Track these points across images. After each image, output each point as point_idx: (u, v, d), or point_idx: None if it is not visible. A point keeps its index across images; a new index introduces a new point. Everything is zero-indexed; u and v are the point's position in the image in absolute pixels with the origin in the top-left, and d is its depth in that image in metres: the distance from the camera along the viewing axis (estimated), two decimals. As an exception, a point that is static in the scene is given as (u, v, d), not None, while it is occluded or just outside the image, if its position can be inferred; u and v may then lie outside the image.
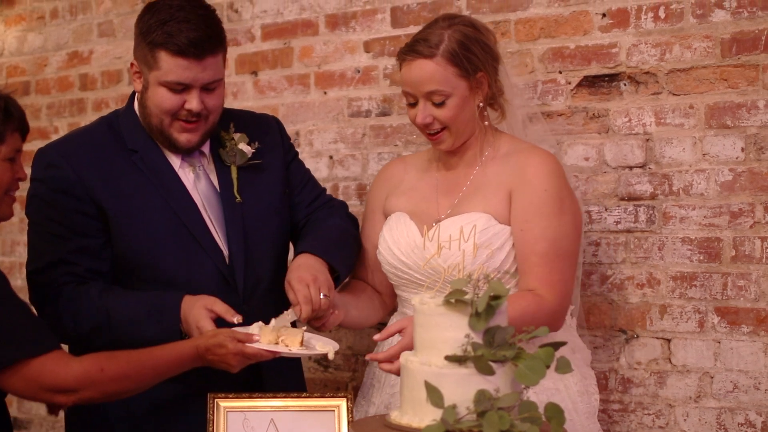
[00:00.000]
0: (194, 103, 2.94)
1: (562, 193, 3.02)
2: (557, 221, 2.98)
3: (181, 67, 2.90)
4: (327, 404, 2.68)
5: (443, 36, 3.01)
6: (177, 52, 2.88)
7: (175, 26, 2.88)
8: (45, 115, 5.08)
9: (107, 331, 2.89)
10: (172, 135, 2.99)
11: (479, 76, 3.03)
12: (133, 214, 2.97)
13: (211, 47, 2.93)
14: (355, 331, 4.11)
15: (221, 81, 3.02)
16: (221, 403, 2.64)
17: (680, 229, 3.39)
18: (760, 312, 3.27)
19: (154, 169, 3.02)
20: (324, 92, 4.20)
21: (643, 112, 3.46)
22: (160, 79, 2.92)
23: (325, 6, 4.18)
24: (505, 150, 3.11)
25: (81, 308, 2.90)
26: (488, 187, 3.05)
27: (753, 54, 3.28)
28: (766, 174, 3.25)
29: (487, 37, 3.09)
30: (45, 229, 2.99)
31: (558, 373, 2.37)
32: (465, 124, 3.07)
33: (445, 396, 2.28)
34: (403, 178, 3.28)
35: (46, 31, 5.09)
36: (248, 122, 3.24)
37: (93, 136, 3.09)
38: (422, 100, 3.04)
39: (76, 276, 2.94)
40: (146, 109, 3.00)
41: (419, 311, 2.41)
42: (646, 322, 3.46)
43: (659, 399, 3.45)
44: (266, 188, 3.16)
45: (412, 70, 3.03)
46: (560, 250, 2.98)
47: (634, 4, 3.48)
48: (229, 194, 3.08)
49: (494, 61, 3.08)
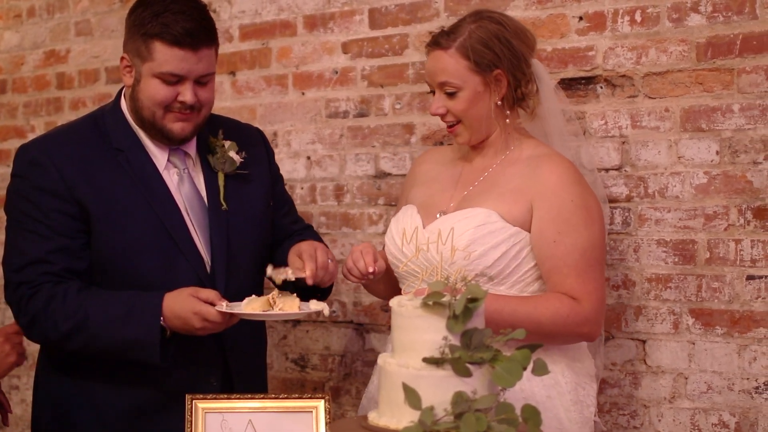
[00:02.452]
0: (188, 95, 2.93)
1: (588, 202, 3.01)
2: (587, 231, 2.97)
3: (176, 57, 2.89)
4: (305, 405, 2.68)
5: (465, 30, 3.04)
6: (173, 42, 2.88)
7: (171, 17, 2.88)
8: (22, 114, 5.06)
9: (85, 330, 2.87)
10: (166, 126, 2.97)
11: (496, 73, 3.03)
12: (115, 215, 2.95)
13: (206, 38, 2.94)
14: (331, 331, 4.12)
15: (213, 75, 3.02)
16: (199, 404, 2.64)
17: (655, 231, 3.42)
18: (734, 314, 3.30)
19: (139, 169, 3.00)
20: (302, 93, 4.20)
21: (619, 115, 3.49)
22: (155, 71, 2.91)
23: (304, 7, 4.19)
24: (528, 153, 3.09)
25: (59, 308, 2.87)
26: (504, 187, 3.03)
27: (728, 58, 3.31)
28: (741, 177, 3.29)
29: (518, 36, 3.07)
30: (25, 227, 2.96)
31: (534, 375, 2.38)
32: (479, 120, 3.07)
33: (422, 398, 2.29)
34: (429, 169, 3.29)
35: (23, 29, 5.08)
36: (235, 131, 3.23)
37: (78, 133, 3.06)
38: (437, 91, 3.08)
39: (54, 275, 2.91)
40: (138, 102, 2.98)
41: (397, 313, 2.42)
42: (622, 323, 3.48)
43: (634, 399, 3.47)
44: (251, 198, 3.15)
45: (431, 60, 3.09)
46: (592, 259, 2.97)
47: (610, 8, 3.50)
48: (215, 201, 3.07)
49: (518, 61, 3.04)
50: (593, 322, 2.97)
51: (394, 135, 3.95)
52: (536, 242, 2.97)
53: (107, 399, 2.99)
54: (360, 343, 4.06)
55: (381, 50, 4.00)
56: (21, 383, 5.02)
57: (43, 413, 3.12)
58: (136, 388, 2.98)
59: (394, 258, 3.15)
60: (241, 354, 3.11)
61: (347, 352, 4.10)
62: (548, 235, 2.95)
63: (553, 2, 3.61)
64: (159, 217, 2.97)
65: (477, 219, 2.97)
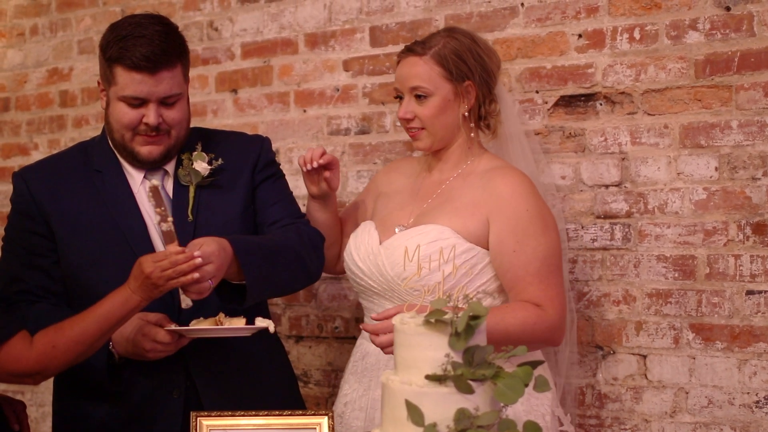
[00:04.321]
0: (151, 117, 2.96)
1: (543, 211, 3.06)
2: (545, 239, 3.02)
3: (135, 81, 2.93)
4: (308, 422, 2.69)
5: (440, 41, 3.13)
6: (131, 66, 2.92)
7: (131, 41, 2.92)
8: (25, 132, 5.08)
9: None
10: (134, 148, 3.02)
11: (467, 84, 3.10)
12: (76, 233, 3.02)
13: (165, 61, 2.95)
14: (333, 347, 4.13)
15: (181, 95, 3.03)
16: (204, 421, 2.65)
17: (655, 247, 3.44)
18: (733, 328, 3.32)
19: (112, 188, 3.07)
20: (303, 110, 4.23)
21: (618, 132, 3.51)
22: (118, 94, 2.96)
23: (305, 25, 4.22)
24: (483, 167, 3.15)
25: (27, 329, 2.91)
26: (459, 201, 3.09)
27: (726, 75, 3.34)
28: (740, 193, 3.31)
29: (487, 54, 3.16)
30: (6, 249, 3.10)
31: (536, 391, 2.40)
32: (445, 129, 3.13)
33: (425, 414, 2.29)
34: (393, 180, 3.36)
35: (26, 47, 5.10)
36: (224, 141, 3.23)
37: (63, 160, 3.19)
38: (407, 96, 3.14)
39: (28, 293, 3.01)
40: (109, 125, 3.05)
41: (399, 330, 2.43)
42: (622, 338, 3.50)
43: (635, 414, 3.49)
44: (223, 208, 3.13)
45: (403, 65, 3.16)
46: (552, 266, 3.03)
47: (609, 26, 3.53)
48: (182, 215, 3.06)
49: (488, 77, 3.14)
50: (558, 328, 3.03)
51: (395, 152, 3.98)
52: (496, 254, 3.02)
53: (86, 410, 3.08)
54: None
55: (382, 68, 4.03)
56: (26, 399, 5.03)
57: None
58: (103, 402, 3.04)
59: (351, 273, 3.21)
60: (205, 368, 3.09)
61: (350, 368, 4.11)
62: (508, 245, 3.00)
63: (553, 20, 3.63)
64: (123, 233, 3.02)
65: (429, 236, 3.02)
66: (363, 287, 3.18)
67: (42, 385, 4.06)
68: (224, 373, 3.12)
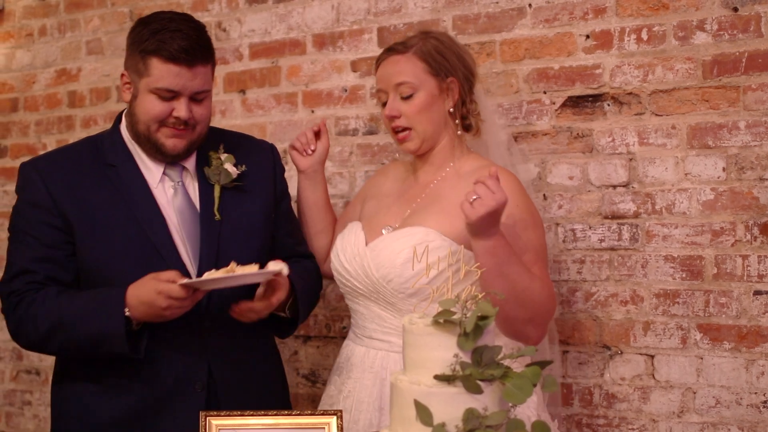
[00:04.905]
0: (182, 111, 2.99)
1: (531, 207, 3.06)
2: (534, 234, 3.02)
3: (171, 73, 2.96)
4: (317, 422, 2.70)
5: (418, 41, 3.16)
6: (168, 58, 2.95)
7: (168, 35, 2.96)
8: (33, 132, 5.09)
9: (61, 330, 2.94)
10: (159, 140, 3.04)
11: (450, 80, 3.12)
12: (96, 227, 3.02)
13: (201, 56, 3.00)
14: (342, 347, 4.14)
15: (209, 93, 3.08)
16: (213, 420, 2.66)
17: (663, 248, 3.45)
18: (741, 329, 3.33)
19: (128, 183, 3.07)
20: (311, 111, 4.24)
21: (626, 132, 3.52)
22: (151, 86, 2.98)
23: (313, 26, 4.23)
24: (469, 168, 3.14)
25: (38, 312, 2.96)
26: (445, 202, 3.06)
27: (734, 75, 3.34)
28: (747, 193, 3.31)
29: (465, 52, 3.21)
30: (16, 240, 3.08)
31: (544, 391, 2.41)
32: (432, 125, 3.13)
33: (434, 414, 2.30)
34: (383, 182, 3.37)
35: (35, 48, 5.11)
36: (240, 144, 3.27)
37: (73, 151, 3.17)
38: (392, 94, 3.14)
39: (37, 284, 3.01)
40: (134, 117, 3.05)
41: (408, 330, 2.44)
42: (630, 338, 3.51)
43: (643, 414, 3.49)
44: (248, 210, 3.17)
45: (386, 66, 3.17)
46: (543, 260, 3.02)
47: (617, 26, 3.53)
48: (208, 212, 3.10)
49: (469, 74, 3.16)
50: (550, 309, 3.00)
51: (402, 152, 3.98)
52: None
53: (97, 406, 3.05)
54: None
55: (390, 68, 4.03)
56: (33, 398, 5.05)
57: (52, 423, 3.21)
58: (122, 395, 3.02)
59: (338, 274, 3.22)
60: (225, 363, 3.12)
61: (357, 368, 4.11)
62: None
63: (560, 21, 3.64)
64: (143, 229, 3.02)
65: (415, 238, 3.00)
66: (349, 288, 3.18)
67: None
68: (241, 369, 3.15)
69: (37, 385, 5.02)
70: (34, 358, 5.05)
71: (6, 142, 5.19)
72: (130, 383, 3.02)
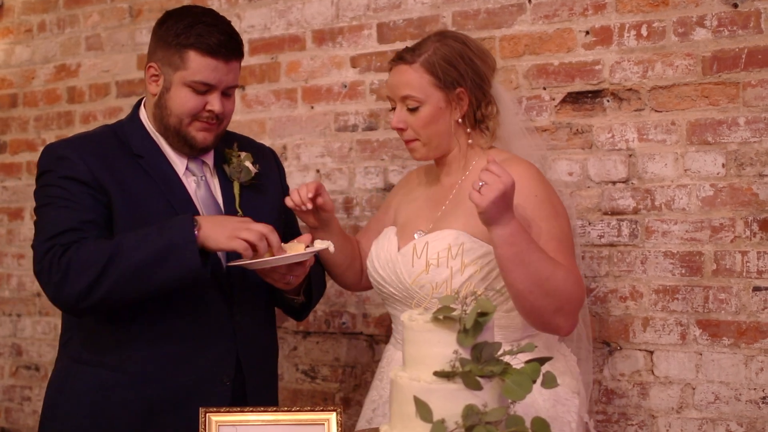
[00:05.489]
0: (216, 105, 3.02)
1: (552, 197, 3.00)
2: (556, 222, 2.95)
3: (209, 67, 2.99)
4: (317, 418, 2.70)
5: (430, 47, 3.07)
6: (208, 51, 2.98)
7: (205, 29, 2.99)
8: (33, 128, 5.09)
9: (119, 258, 2.83)
10: (189, 133, 3.05)
11: (459, 91, 3.05)
12: (135, 209, 2.98)
13: (237, 50, 3.05)
14: (341, 343, 4.15)
15: (236, 88, 3.14)
16: (213, 417, 2.66)
17: (662, 243, 3.45)
18: (740, 325, 3.33)
19: (160, 173, 3.06)
20: (311, 107, 4.24)
21: (625, 128, 3.52)
22: (187, 79, 3.00)
23: (312, 21, 4.23)
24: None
25: (92, 249, 2.86)
26: (468, 203, 2.94)
27: (733, 72, 3.35)
28: (746, 189, 3.32)
29: (480, 57, 3.10)
30: (57, 205, 2.96)
31: (544, 387, 2.41)
32: (438, 137, 3.09)
33: (434, 411, 2.31)
34: (415, 188, 3.33)
35: (34, 44, 5.12)
36: (249, 145, 3.31)
37: (99, 138, 3.11)
38: (399, 105, 3.10)
39: (84, 240, 2.90)
40: (166, 110, 3.05)
41: (408, 327, 2.44)
42: (629, 334, 3.51)
43: (642, 410, 3.50)
44: (265, 209, 3.18)
45: (394, 74, 3.11)
46: (568, 248, 2.95)
47: (617, 22, 3.53)
48: (231, 208, 3.12)
49: (481, 80, 3.08)
50: (580, 309, 2.95)
51: (402, 148, 3.97)
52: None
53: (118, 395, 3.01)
54: (370, 354, 4.09)
55: (389, 64, 4.03)
56: (33, 394, 5.06)
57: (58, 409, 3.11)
58: (148, 384, 3.00)
59: (374, 281, 3.20)
60: (253, 357, 3.14)
61: (357, 363, 4.13)
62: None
63: (560, 17, 3.64)
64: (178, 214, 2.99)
65: (445, 241, 2.98)
66: (385, 294, 3.16)
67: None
68: (264, 364, 3.20)
69: (36, 380, 5.03)
70: (33, 353, 5.05)
71: (5, 138, 5.20)
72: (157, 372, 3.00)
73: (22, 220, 5.10)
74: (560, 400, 2.99)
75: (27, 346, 5.09)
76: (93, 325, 3.02)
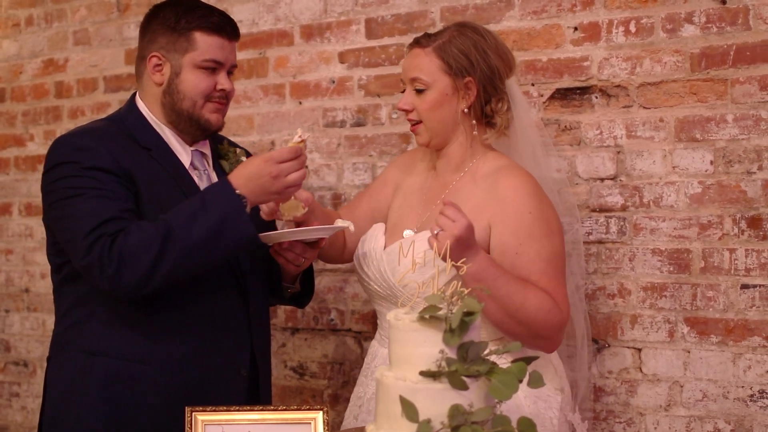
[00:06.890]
0: (226, 83, 3.11)
1: (546, 213, 3.00)
2: (548, 242, 2.95)
3: (217, 45, 3.08)
4: (304, 417, 2.70)
5: (446, 35, 3.09)
6: (214, 29, 3.07)
7: (206, 10, 3.11)
8: (20, 123, 5.08)
9: (173, 240, 2.81)
10: (204, 116, 3.09)
11: (467, 81, 3.05)
12: (157, 198, 2.98)
13: (236, 30, 3.16)
14: (330, 339, 4.14)
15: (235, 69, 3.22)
16: (199, 416, 2.66)
17: (650, 241, 3.45)
18: (728, 322, 3.33)
19: (171, 166, 3.08)
20: (299, 102, 4.23)
21: (614, 125, 3.51)
22: (197, 60, 3.06)
23: (300, 17, 4.21)
24: (488, 168, 3.08)
25: (141, 236, 2.82)
26: (463, 206, 2.94)
27: (722, 68, 3.34)
28: (735, 187, 3.31)
29: (496, 52, 3.09)
30: (89, 195, 2.90)
31: (530, 387, 2.41)
32: (441, 123, 3.08)
33: (419, 410, 2.30)
34: (410, 173, 3.32)
35: (21, 38, 5.09)
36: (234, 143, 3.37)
37: (106, 130, 3.07)
38: (408, 87, 3.11)
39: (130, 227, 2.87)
40: (178, 95, 3.07)
41: (394, 326, 2.43)
42: (617, 331, 3.51)
43: (630, 407, 3.50)
44: None
45: (408, 57, 3.14)
46: (557, 268, 2.96)
47: (605, 18, 3.53)
48: None
49: (492, 74, 3.06)
50: (562, 329, 2.97)
51: (390, 144, 3.98)
52: (498, 256, 2.94)
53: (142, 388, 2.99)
54: (358, 351, 4.08)
55: (377, 60, 4.03)
56: (21, 390, 5.05)
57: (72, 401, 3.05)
58: (170, 374, 3.00)
59: (360, 278, 3.22)
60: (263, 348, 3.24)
61: (345, 360, 4.12)
62: (510, 247, 2.94)
63: (548, 13, 3.63)
64: None
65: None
66: (371, 292, 3.17)
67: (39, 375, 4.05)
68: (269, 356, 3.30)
69: (24, 376, 5.02)
70: (21, 349, 5.04)
71: (-8, 133, 5.18)
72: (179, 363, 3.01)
73: (10, 216, 5.09)
74: (542, 397, 3.00)
75: (15, 342, 5.08)
76: (111, 316, 2.99)
